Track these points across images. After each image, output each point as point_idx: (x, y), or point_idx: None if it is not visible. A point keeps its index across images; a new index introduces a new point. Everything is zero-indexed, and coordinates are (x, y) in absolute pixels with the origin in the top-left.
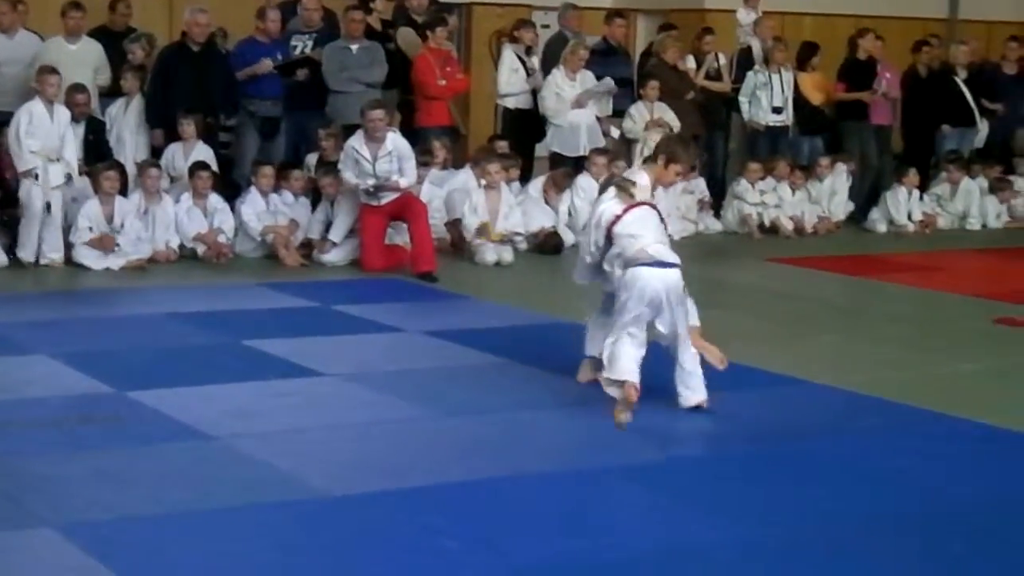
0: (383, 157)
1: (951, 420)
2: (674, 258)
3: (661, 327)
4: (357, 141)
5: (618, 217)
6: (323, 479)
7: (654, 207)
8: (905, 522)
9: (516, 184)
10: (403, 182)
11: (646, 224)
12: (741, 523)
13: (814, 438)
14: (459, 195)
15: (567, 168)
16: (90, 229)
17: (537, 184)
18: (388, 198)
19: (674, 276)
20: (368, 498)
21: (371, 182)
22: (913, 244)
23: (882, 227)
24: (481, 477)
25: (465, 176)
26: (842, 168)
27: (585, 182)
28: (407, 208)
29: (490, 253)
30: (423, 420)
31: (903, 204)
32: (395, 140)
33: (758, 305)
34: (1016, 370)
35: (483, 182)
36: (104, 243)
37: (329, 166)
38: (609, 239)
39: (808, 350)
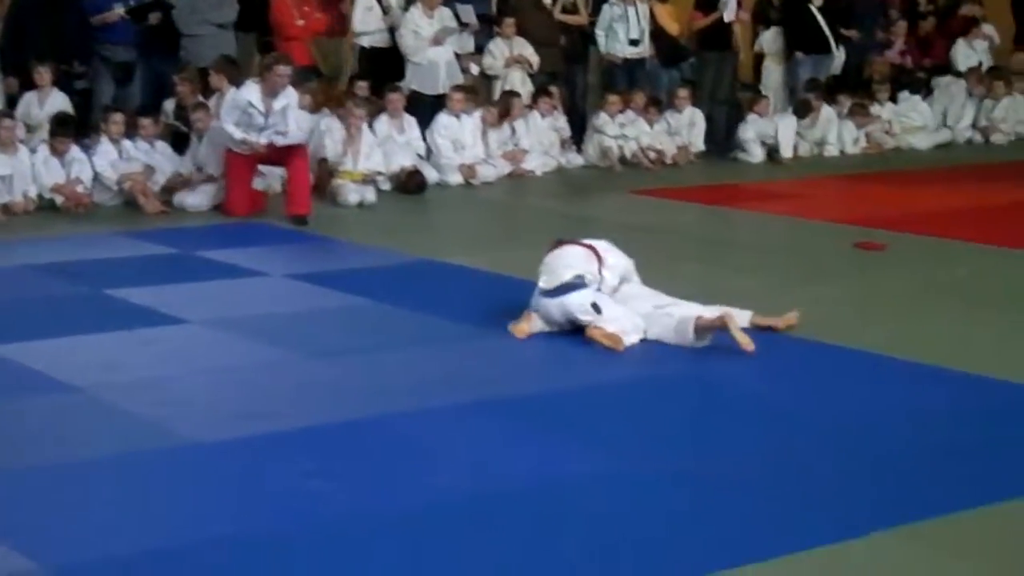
0: (277, 112)
1: (809, 345)
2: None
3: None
4: (252, 94)
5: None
6: (192, 426)
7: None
8: (768, 449)
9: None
10: (293, 139)
11: None
12: (614, 456)
13: (676, 367)
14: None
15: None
16: None
17: (383, 120)
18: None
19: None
20: (238, 443)
21: (263, 140)
22: (773, 172)
23: (746, 154)
24: (351, 418)
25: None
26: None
27: (446, 120)
28: (288, 150)
29: (352, 194)
30: (290, 364)
31: (755, 132)
32: (290, 95)
33: (622, 239)
34: (873, 292)
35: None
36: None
37: (193, 106)
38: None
39: (671, 280)
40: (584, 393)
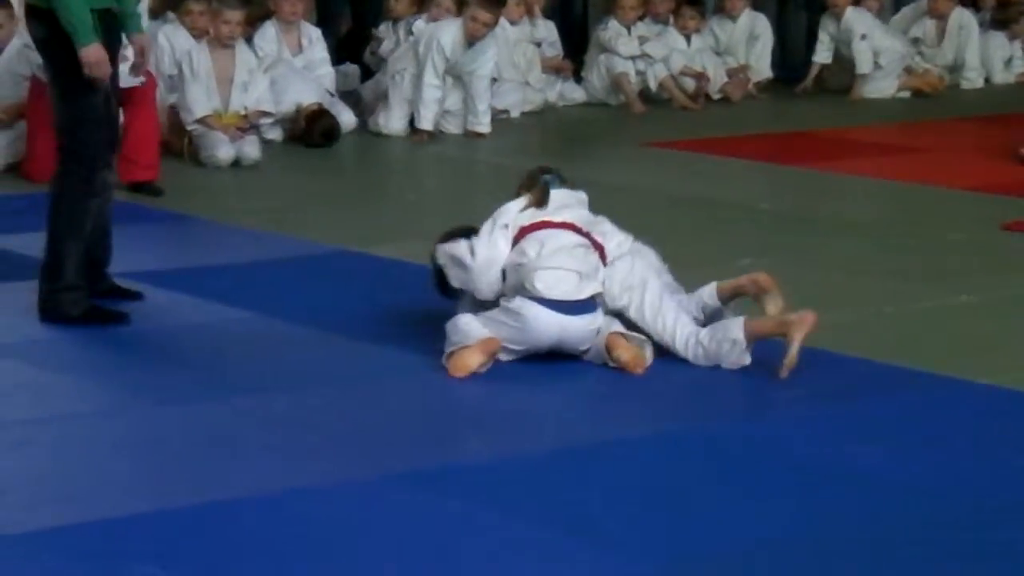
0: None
1: (937, 381)
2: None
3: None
4: None
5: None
6: None
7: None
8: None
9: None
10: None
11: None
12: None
13: (731, 417)
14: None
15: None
16: None
17: (269, 34)
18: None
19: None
20: (41, 538)
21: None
22: (879, 112)
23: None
24: (216, 498)
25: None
26: None
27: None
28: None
29: (223, 147)
30: (120, 414)
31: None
32: None
33: (636, 216)
34: None
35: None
36: None
37: None
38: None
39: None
40: (582, 459)
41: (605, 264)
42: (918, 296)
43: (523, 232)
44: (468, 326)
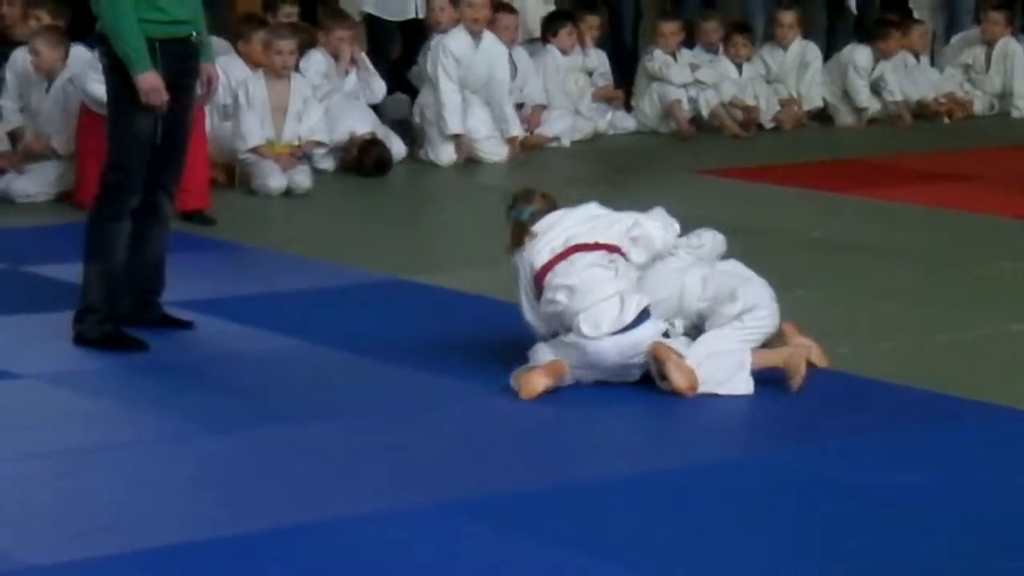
0: None
1: (989, 409)
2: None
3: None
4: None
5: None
6: (19, 539)
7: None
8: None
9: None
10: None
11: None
12: None
13: (779, 445)
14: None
15: None
16: None
17: (317, 61)
18: None
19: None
20: (87, 568)
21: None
22: (930, 140)
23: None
24: (264, 527)
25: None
26: None
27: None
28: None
29: (275, 177)
30: (168, 442)
31: (861, 79)
32: None
33: None
34: None
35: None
36: None
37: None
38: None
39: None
40: (633, 488)
41: (625, 257)
42: (970, 325)
43: (538, 281)
44: (538, 352)
